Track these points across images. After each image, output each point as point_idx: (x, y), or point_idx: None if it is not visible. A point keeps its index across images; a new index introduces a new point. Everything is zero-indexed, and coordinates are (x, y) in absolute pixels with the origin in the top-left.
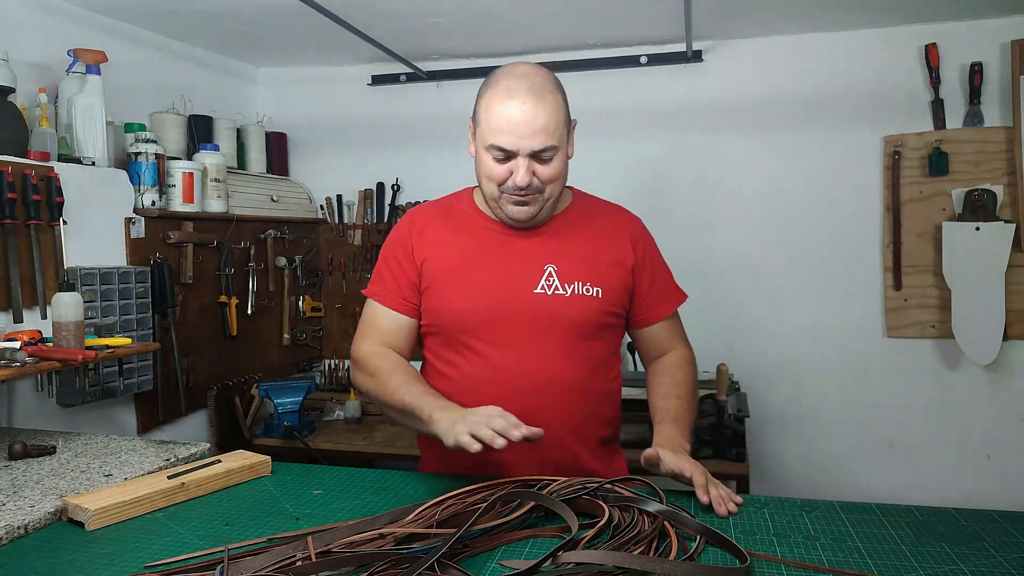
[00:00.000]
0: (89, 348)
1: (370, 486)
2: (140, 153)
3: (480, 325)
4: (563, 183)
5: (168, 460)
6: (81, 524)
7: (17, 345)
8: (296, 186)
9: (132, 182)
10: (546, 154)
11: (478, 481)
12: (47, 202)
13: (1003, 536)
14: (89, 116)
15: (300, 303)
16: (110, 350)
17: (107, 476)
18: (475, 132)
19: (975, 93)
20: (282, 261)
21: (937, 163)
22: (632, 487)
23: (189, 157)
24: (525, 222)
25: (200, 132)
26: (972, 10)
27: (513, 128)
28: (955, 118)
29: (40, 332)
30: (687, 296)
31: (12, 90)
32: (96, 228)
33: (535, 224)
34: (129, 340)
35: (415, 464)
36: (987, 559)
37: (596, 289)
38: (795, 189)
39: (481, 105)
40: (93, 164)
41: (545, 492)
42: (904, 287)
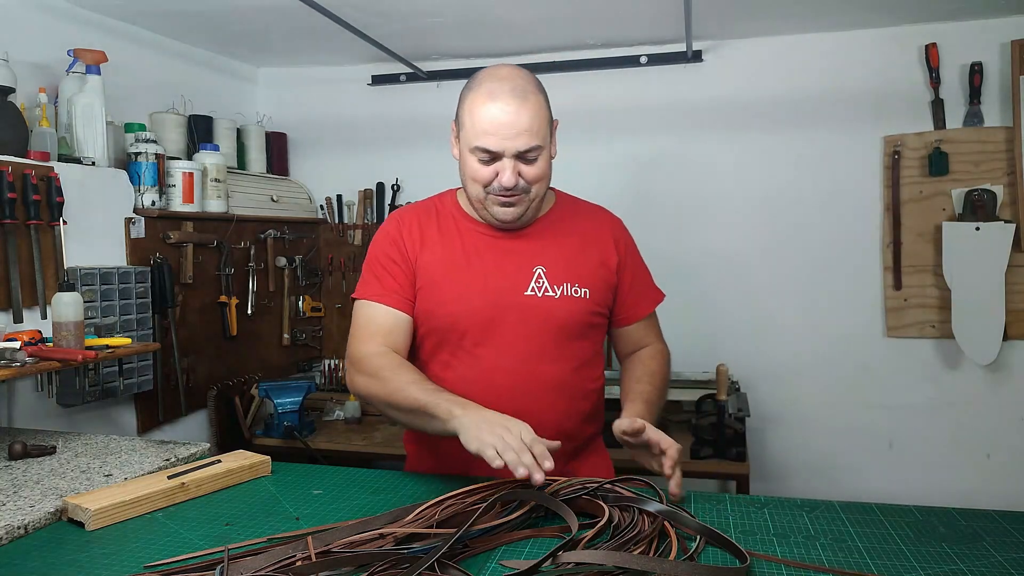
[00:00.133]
0: (89, 348)
1: (370, 486)
2: (140, 153)
3: (473, 327)
4: (548, 183)
5: (168, 460)
6: (81, 524)
7: (17, 345)
8: (296, 186)
9: (132, 182)
10: (531, 154)
11: (477, 481)
12: (47, 202)
13: (1003, 536)
14: (89, 116)
15: (300, 303)
16: (110, 350)
17: (107, 476)
18: (458, 135)
19: (975, 93)
20: (282, 261)
21: (937, 163)
22: (632, 487)
23: (189, 157)
24: (511, 223)
25: (200, 132)
26: (972, 10)
27: (497, 130)
28: (955, 118)
29: (40, 332)
30: (664, 295)
31: (12, 90)
32: (96, 228)
33: (521, 225)
34: (129, 340)
35: None
36: (987, 559)
37: (584, 290)
38: (795, 189)
39: (464, 108)
40: (93, 164)
41: (545, 492)
42: (904, 287)
